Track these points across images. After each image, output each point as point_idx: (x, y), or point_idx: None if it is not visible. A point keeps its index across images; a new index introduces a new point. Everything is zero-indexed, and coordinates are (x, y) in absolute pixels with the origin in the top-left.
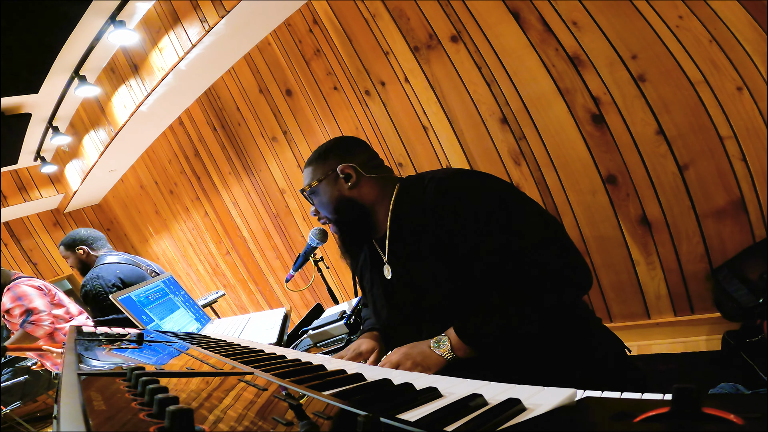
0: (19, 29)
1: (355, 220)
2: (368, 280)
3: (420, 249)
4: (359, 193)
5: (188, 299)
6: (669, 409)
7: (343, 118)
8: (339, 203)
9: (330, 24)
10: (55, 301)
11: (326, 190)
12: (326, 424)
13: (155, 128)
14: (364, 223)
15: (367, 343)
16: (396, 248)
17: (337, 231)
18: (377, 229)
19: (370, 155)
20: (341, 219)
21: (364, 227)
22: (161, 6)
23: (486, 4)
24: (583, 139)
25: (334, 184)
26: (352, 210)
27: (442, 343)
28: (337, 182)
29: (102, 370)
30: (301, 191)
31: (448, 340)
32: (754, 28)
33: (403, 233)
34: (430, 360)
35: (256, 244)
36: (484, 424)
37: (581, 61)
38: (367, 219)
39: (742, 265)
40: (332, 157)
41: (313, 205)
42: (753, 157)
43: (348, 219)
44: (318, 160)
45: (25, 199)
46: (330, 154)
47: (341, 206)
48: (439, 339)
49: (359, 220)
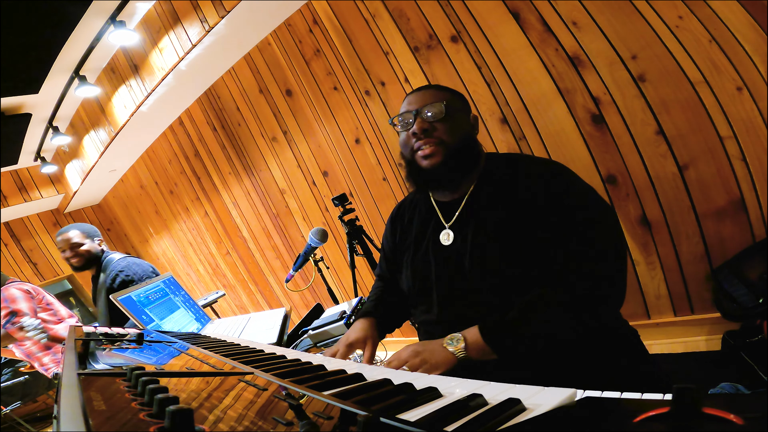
0: (19, 29)
1: (466, 156)
2: (413, 244)
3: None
4: (476, 144)
5: (188, 299)
6: (669, 409)
7: (343, 118)
8: (467, 135)
9: (330, 24)
10: (43, 304)
11: (461, 119)
12: (326, 424)
13: (155, 128)
14: (467, 165)
15: (358, 332)
16: (468, 215)
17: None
18: (454, 191)
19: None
20: (460, 147)
21: (465, 167)
22: (161, 6)
23: (486, 4)
24: (583, 139)
25: (466, 121)
26: (470, 149)
27: (456, 340)
28: (468, 122)
29: (102, 370)
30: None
31: (462, 339)
32: (754, 28)
33: (482, 202)
34: (439, 358)
35: (256, 244)
36: (484, 424)
37: (581, 61)
38: (471, 165)
39: (742, 265)
40: (466, 102)
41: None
42: (753, 157)
43: (465, 151)
44: (454, 93)
45: (25, 199)
46: (464, 99)
47: (468, 138)
48: (453, 336)
49: (468, 160)
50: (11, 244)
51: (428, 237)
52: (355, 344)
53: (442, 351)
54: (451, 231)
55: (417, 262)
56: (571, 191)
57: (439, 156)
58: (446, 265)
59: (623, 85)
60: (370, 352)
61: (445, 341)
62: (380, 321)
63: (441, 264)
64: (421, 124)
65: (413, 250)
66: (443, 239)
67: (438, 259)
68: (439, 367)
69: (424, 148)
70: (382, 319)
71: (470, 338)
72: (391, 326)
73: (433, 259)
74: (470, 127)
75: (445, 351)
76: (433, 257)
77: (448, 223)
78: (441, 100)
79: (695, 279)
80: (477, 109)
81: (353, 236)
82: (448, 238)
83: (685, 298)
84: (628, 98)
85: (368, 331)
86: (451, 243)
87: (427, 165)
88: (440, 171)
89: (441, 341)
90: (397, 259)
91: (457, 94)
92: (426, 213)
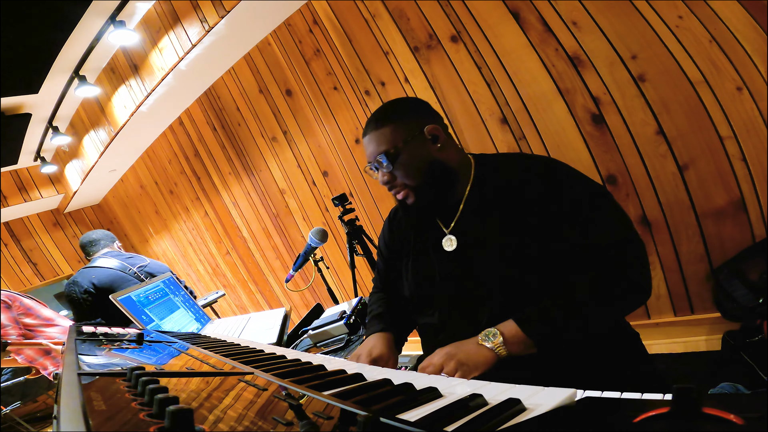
0: (19, 29)
1: (442, 184)
2: (413, 252)
3: (498, 223)
4: (446, 155)
5: (188, 299)
6: (669, 409)
7: (343, 118)
8: (428, 165)
9: (330, 24)
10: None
11: (414, 152)
12: (326, 424)
13: (155, 128)
14: (449, 188)
15: (380, 348)
16: (468, 219)
17: (418, 197)
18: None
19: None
20: (427, 183)
21: (444, 191)
22: (161, 6)
23: (486, 4)
24: (583, 139)
25: (422, 145)
26: (441, 173)
27: (492, 335)
28: (425, 143)
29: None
30: (383, 153)
31: (499, 334)
32: (754, 28)
33: (481, 205)
34: (477, 358)
35: (256, 244)
36: (484, 424)
37: (581, 61)
38: (453, 183)
39: (742, 265)
40: (414, 116)
41: (384, 171)
42: (753, 157)
43: (435, 183)
44: (399, 119)
45: (25, 199)
46: (411, 113)
47: (430, 169)
48: (488, 332)
49: (446, 184)
50: (11, 244)
51: (429, 243)
52: (378, 361)
53: (480, 350)
54: (453, 236)
55: (419, 268)
56: (566, 181)
57: (412, 198)
58: (452, 270)
59: (623, 85)
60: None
61: (480, 338)
62: (396, 336)
63: (445, 269)
64: (382, 176)
65: (414, 256)
66: (446, 245)
67: (442, 264)
68: (478, 368)
69: (398, 195)
70: (398, 334)
71: (508, 332)
72: (403, 340)
73: (437, 265)
74: (428, 147)
75: (483, 349)
76: (437, 262)
77: (448, 229)
78: (390, 144)
79: (695, 279)
80: (477, 109)
81: (353, 236)
82: (452, 243)
83: (685, 298)
84: (628, 98)
85: (392, 349)
86: (455, 248)
87: (410, 204)
88: (421, 207)
89: (475, 339)
90: (396, 265)
91: (404, 116)
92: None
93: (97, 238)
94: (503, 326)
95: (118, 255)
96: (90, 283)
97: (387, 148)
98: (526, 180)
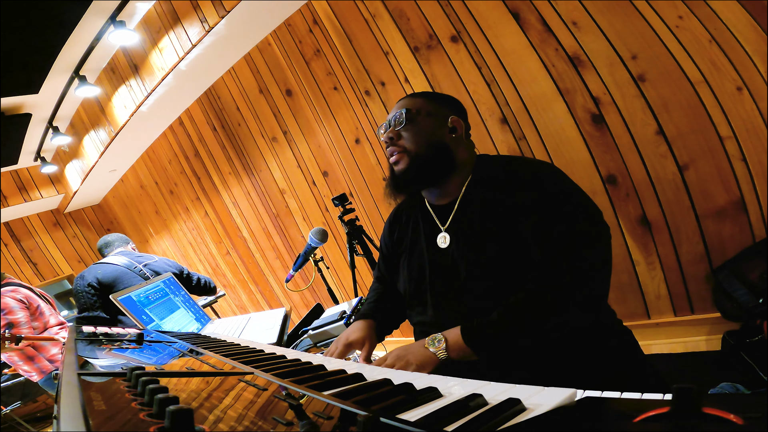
0: (19, 29)
1: (437, 165)
2: (409, 247)
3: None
4: (455, 147)
5: (188, 299)
6: (669, 409)
7: (343, 118)
8: (434, 141)
9: (330, 24)
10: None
11: (430, 126)
12: (326, 424)
13: (155, 128)
14: (439, 171)
15: (357, 333)
16: (463, 217)
17: (409, 165)
18: (445, 194)
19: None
20: (425, 155)
21: (435, 173)
22: (161, 6)
23: (486, 4)
24: (583, 139)
25: (440, 126)
26: (441, 155)
27: (438, 341)
28: (443, 126)
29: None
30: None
31: (444, 340)
32: (754, 28)
33: (476, 205)
34: (421, 358)
35: (256, 244)
36: (484, 424)
37: (581, 61)
38: (448, 173)
39: (742, 265)
40: (447, 104)
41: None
42: (753, 157)
43: (431, 160)
44: (432, 98)
45: (26, 199)
46: (445, 101)
47: (435, 146)
48: (434, 337)
49: (441, 168)
50: (11, 244)
51: (424, 240)
52: (353, 344)
53: (424, 352)
54: (447, 234)
55: (413, 265)
56: (558, 190)
57: (404, 163)
58: (442, 268)
59: (623, 85)
60: (368, 352)
61: (427, 342)
62: (379, 323)
63: (437, 266)
64: (388, 132)
65: (409, 253)
66: (440, 242)
67: (434, 261)
68: (424, 368)
69: (393, 156)
70: (381, 321)
71: (451, 339)
72: (389, 328)
73: (428, 262)
74: (444, 130)
75: (427, 351)
76: (428, 260)
77: (444, 226)
78: (413, 106)
79: (695, 279)
80: (477, 109)
81: (353, 236)
82: (445, 240)
83: (685, 298)
84: (628, 98)
85: (367, 332)
86: (447, 245)
87: (396, 171)
88: (406, 177)
89: (423, 342)
90: (394, 262)
91: (437, 99)
92: (422, 216)
93: (112, 240)
94: (449, 332)
95: (129, 254)
96: (95, 278)
97: (411, 108)
98: (520, 184)
